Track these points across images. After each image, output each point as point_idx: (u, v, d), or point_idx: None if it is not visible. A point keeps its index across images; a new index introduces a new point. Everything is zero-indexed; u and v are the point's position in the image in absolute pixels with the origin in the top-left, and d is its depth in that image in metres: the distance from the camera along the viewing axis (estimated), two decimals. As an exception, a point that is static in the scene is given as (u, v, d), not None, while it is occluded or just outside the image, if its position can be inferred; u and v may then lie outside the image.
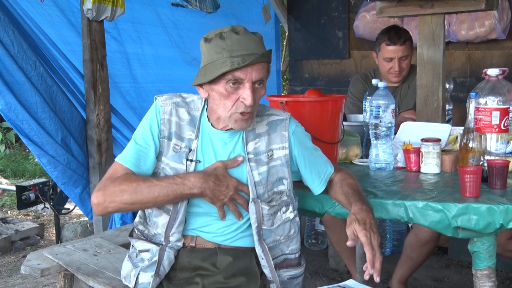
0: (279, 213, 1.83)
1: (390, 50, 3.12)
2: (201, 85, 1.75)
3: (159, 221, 1.82)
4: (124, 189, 1.68)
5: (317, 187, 1.92)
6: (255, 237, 1.80)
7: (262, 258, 1.82)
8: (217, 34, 1.67)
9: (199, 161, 1.79)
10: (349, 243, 1.63)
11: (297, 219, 1.89)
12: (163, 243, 1.82)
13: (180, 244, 1.83)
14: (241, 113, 1.70)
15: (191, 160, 1.78)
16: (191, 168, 1.78)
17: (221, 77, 1.66)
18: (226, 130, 1.80)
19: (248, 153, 1.80)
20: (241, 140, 1.82)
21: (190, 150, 1.79)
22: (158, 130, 1.79)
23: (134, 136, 1.81)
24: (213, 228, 1.83)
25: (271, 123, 1.85)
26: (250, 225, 1.84)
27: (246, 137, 1.81)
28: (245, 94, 1.66)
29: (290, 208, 1.86)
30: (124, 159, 1.78)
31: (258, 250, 1.81)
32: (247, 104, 1.67)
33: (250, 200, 1.79)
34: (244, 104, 1.68)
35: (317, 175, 1.91)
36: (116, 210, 1.75)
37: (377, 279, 1.59)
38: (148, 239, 1.86)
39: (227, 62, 1.63)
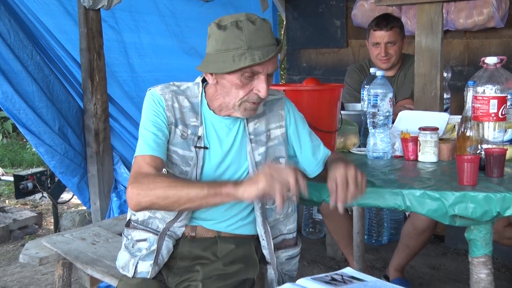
0: None
1: (377, 35, 3.16)
2: (210, 73, 1.72)
3: None
4: (157, 185, 1.60)
5: (313, 169, 1.93)
6: (259, 219, 1.82)
7: (263, 239, 1.83)
8: (233, 22, 1.63)
9: (207, 148, 1.79)
10: (331, 204, 1.67)
11: (294, 198, 1.89)
12: (160, 229, 1.81)
13: (181, 230, 1.83)
14: (253, 102, 1.71)
15: (200, 147, 1.77)
16: (200, 155, 1.77)
17: (238, 69, 1.64)
18: (228, 116, 1.80)
19: (249, 134, 1.81)
20: (243, 122, 1.82)
21: (199, 137, 1.77)
22: (164, 116, 1.75)
23: (144, 126, 1.75)
24: (214, 215, 1.83)
25: (268, 103, 1.86)
26: (250, 211, 1.85)
27: (247, 119, 1.82)
28: (261, 86, 1.67)
29: None
30: (145, 149, 1.71)
31: (260, 231, 1.83)
32: (262, 96, 1.69)
33: None
34: (258, 95, 1.69)
35: (313, 156, 1.92)
36: (149, 205, 1.64)
37: (340, 208, 1.66)
38: (144, 225, 1.84)
39: (247, 56, 1.61)
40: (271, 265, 1.85)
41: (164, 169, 1.76)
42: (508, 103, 2.13)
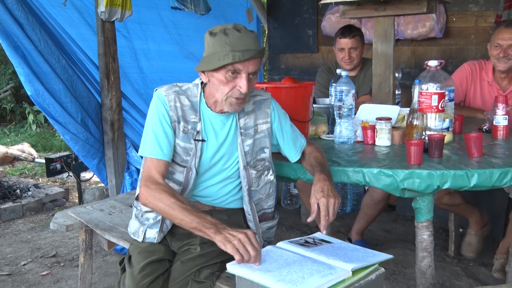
0: (262, 176, 1.83)
1: (342, 42, 3.16)
2: (203, 71, 1.70)
3: None
4: (163, 199, 1.59)
5: (293, 156, 1.92)
6: (245, 198, 1.80)
7: (249, 214, 1.82)
8: (221, 30, 1.62)
9: (204, 140, 1.75)
10: (309, 220, 1.63)
11: (275, 180, 1.90)
12: None
13: None
14: (236, 98, 1.66)
15: (198, 140, 1.74)
16: (198, 147, 1.73)
17: (222, 67, 1.61)
18: (222, 113, 1.76)
19: (240, 128, 1.79)
20: (235, 118, 1.79)
21: (197, 131, 1.73)
22: (168, 116, 1.71)
23: (151, 128, 1.70)
24: (209, 192, 1.82)
25: (257, 102, 1.83)
26: (240, 189, 1.83)
27: (238, 115, 1.79)
28: (241, 83, 1.63)
29: (270, 172, 1.86)
30: (153, 152, 1.68)
31: (247, 208, 1.81)
32: (243, 92, 1.64)
33: (242, 167, 1.78)
34: (240, 91, 1.65)
35: (293, 145, 1.91)
36: (152, 209, 1.66)
37: (323, 232, 1.63)
38: None
39: (229, 56, 1.58)
40: (257, 235, 1.83)
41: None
42: (446, 98, 2.14)
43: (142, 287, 1.64)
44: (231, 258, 1.46)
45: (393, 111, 2.34)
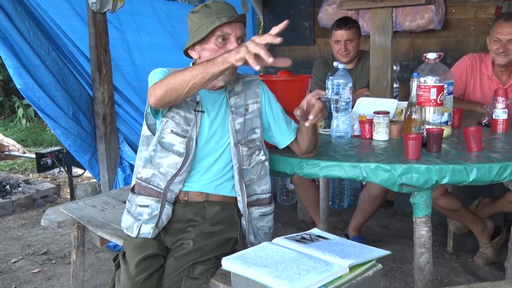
0: (253, 155, 1.86)
1: (338, 34, 3.16)
2: (193, 49, 1.78)
3: (164, 162, 1.78)
4: (168, 78, 1.59)
5: (287, 137, 1.94)
6: (236, 177, 1.83)
7: (239, 195, 1.84)
8: (202, 5, 1.74)
9: (204, 112, 1.79)
10: (298, 112, 1.69)
11: (267, 163, 1.91)
12: (161, 187, 1.79)
13: (179, 188, 1.81)
14: None
15: (198, 111, 1.78)
16: (199, 117, 1.78)
17: (211, 35, 1.71)
18: (213, 91, 1.82)
19: (231, 107, 1.83)
20: (226, 97, 1.84)
21: (197, 102, 1.79)
22: None
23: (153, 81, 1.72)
24: (203, 179, 1.83)
25: (246, 83, 1.89)
26: (233, 176, 1.85)
27: (228, 94, 1.84)
28: (232, 46, 1.71)
29: (262, 152, 1.89)
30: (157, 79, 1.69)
31: (237, 187, 1.84)
32: None
33: (232, 144, 1.81)
34: None
35: (286, 126, 1.94)
36: (163, 93, 1.58)
37: (310, 116, 1.68)
38: (147, 182, 1.82)
39: (216, 21, 1.69)
40: (244, 217, 1.86)
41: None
42: (445, 91, 2.15)
43: (137, 283, 1.64)
44: (225, 254, 1.47)
45: (391, 104, 2.35)
